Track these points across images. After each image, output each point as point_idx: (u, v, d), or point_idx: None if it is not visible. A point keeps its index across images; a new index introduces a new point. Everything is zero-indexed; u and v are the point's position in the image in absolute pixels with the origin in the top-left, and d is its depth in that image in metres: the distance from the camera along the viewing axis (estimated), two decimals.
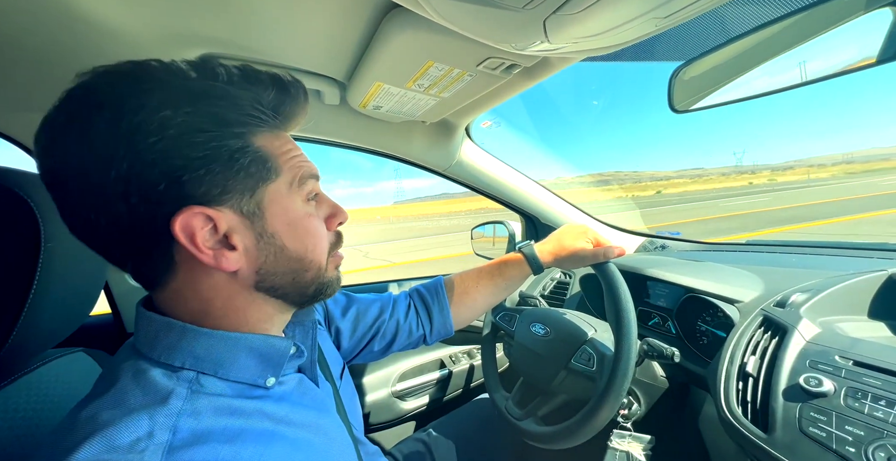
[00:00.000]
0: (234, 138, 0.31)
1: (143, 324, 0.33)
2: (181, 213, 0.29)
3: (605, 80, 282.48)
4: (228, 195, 0.31)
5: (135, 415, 0.27)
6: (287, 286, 0.36)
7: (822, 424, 0.43)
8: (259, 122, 0.33)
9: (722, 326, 0.70)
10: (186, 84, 0.30)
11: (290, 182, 0.35)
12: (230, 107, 0.32)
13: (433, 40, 0.55)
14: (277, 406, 0.34)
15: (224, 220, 0.31)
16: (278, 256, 0.34)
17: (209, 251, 0.31)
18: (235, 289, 0.34)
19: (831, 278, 0.63)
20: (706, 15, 0.46)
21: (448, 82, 0.67)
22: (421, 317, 0.65)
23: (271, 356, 0.36)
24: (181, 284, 0.33)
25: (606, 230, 1.22)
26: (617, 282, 0.58)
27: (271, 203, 0.33)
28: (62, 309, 0.43)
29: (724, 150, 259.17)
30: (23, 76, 0.59)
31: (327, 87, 0.75)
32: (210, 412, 0.30)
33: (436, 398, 1.15)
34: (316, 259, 0.37)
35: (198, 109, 0.30)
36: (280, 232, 0.34)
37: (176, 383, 0.30)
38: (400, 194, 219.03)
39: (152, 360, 0.32)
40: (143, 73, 0.30)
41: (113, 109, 0.28)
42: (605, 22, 0.39)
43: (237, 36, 0.59)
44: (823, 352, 0.49)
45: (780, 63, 0.58)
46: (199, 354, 0.32)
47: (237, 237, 0.32)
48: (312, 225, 0.36)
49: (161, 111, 0.28)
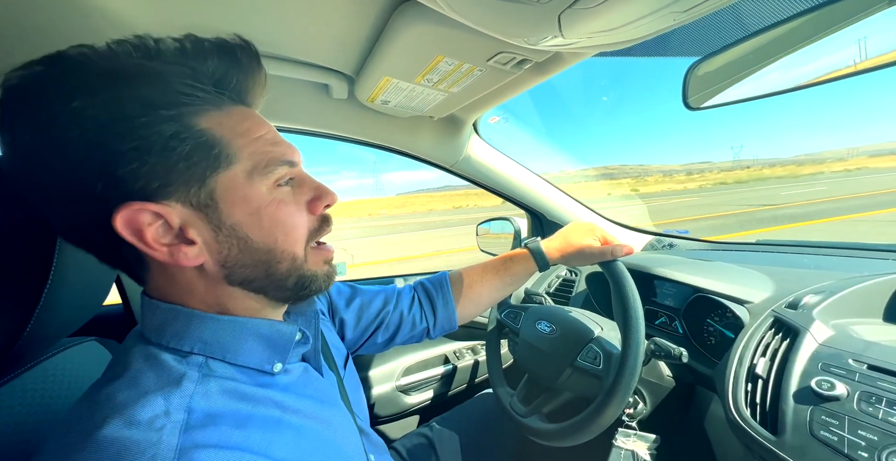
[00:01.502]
0: (166, 122, 0.28)
1: (149, 311, 0.33)
2: (120, 210, 0.27)
3: (613, 72, 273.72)
4: (172, 187, 0.29)
5: (151, 396, 0.28)
6: (261, 279, 0.33)
7: (833, 428, 0.42)
8: (196, 101, 0.29)
9: (730, 327, 0.69)
10: (102, 66, 0.27)
11: (250, 170, 0.31)
12: (156, 86, 0.28)
13: (444, 34, 0.54)
14: (284, 394, 0.34)
15: (174, 215, 0.29)
16: (244, 249, 0.32)
17: (163, 248, 0.29)
18: (209, 283, 0.33)
19: (845, 280, 0.62)
20: (722, 10, 0.45)
21: (457, 77, 0.67)
22: (425, 310, 0.65)
23: (277, 341, 0.35)
24: (159, 280, 0.33)
25: (614, 228, 1.21)
26: (625, 280, 0.58)
27: (226, 192, 0.30)
28: (77, 299, 0.43)
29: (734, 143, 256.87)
30: (8, 57, 0.58)
31: (335, 80, 0.74)
32: (220, 395, 0.30)
33: (440, 393, 1.16)
34: (288, 249, 0.34)
35: (117, 95, 0.27)
36: (242, 223, 0.31)
37: (187, 367, 0.31)
38: (379, 189, 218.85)
39: (161, 346, 0.32)
40: (63, 60, 0.27)
41: (31, 106, 0.27)
42: (622, 16, 0.38)
43: (245, 29, 0.59)
44: (836, 356, 0.48)
45: (799, 60, 0.56)
46: (207, 339, 0.32)
47: (193, 231, 0.30)
48: (282, 212, 0.33)
49: (73, 101, 0.26)
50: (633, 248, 0.62)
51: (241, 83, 0.33)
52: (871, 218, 11.24)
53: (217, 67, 0.31)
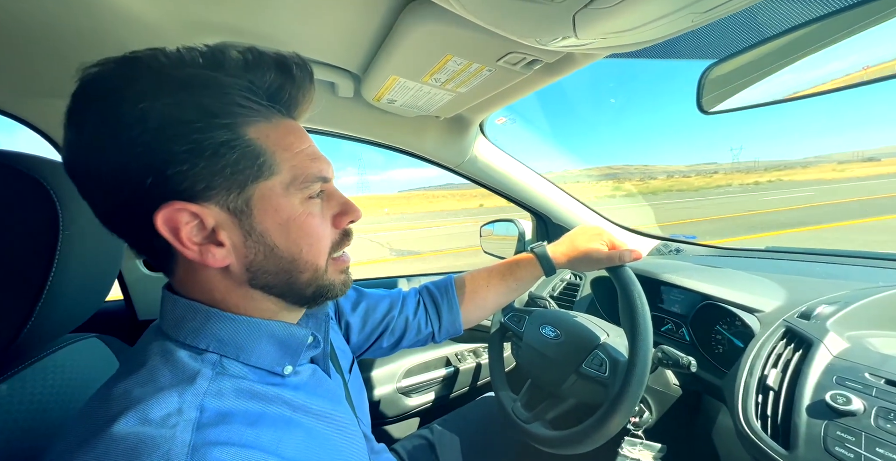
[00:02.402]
0: (220, 130, 0.30)
1: (169, 307, 0.34)
2: (163, 208, 0.29)
3: (620, 73, 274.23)
4: (214, 191, 0.30)
5: (165, 393, 0.28)
6: (282, 286, 0.35)
7: (849, 444, 0.41)
8: (250, 113, 0.31)
9: (740, 336, 0.68)
10: (171, 73, 0.29)
11: (288, 183, 0.33)
12: (216, 96, 0.30)
13: (453, 34, 0.53)
14: (294, 394, 0.35)
15: (210, 216, 0.31)
16: (269, 255, 0.33)
17: (195, 246, 0.31)
18: (230, 284, 0.34)
19: (860, 290, 0.60)
20: (737, 13, 0.43)
21: (466, 77, 0.66)
22: (430, 314, 0.64)
23: (290, 344, 0.36)
24: (183, 274, 0.34)
25: (620, 232, 1.19)
26: (633, 286, 0.57)
27: (261, 201, 0.32)
28: (78, 295, 0.43)
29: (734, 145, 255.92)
30: (45, 63, 0.59)
31: (342, 79, 0.73)
32: (233, 394, 0.31)
33: (441, 395, 1.15)
34: (312, 260, 0.35)
35: (179, 100, 0.29)
36: (270, 231, 0.33)
37: (201, 364, 0.31)
38: (364, 187, 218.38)
39: (178, 342, 0.33)
40: (132, 63, 0.29)
41: (100, 102, 0.29)
42: (639, 17, 0.37)
43: (254, 25, 0.58)
44: (852, 369, 0.47)
45: (815, 65, 0.55)
46: (223, 338, 0.33)
47: (224, 234, 0.31)
48: (310, 225, 0.34)
49: (141, 102, 0.28)
50: (641, 253, 0.61)
51: (292, 98, 0.35)
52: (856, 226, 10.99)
53: (273, 81, 0.33)
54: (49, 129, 0.74)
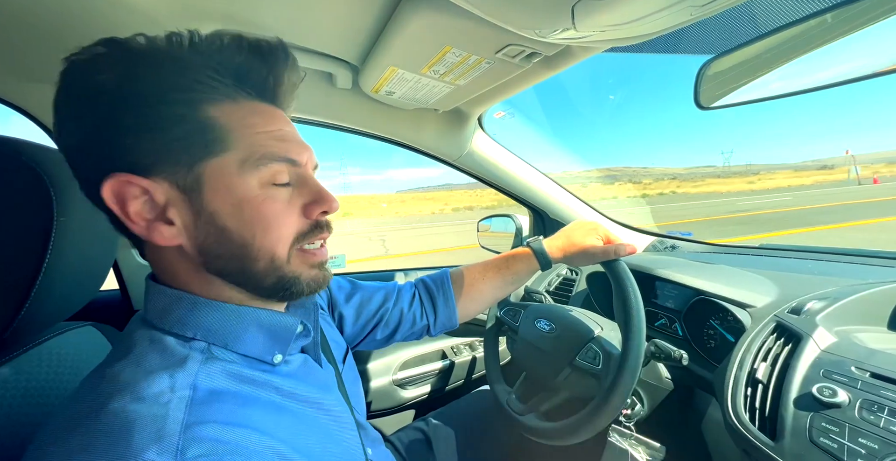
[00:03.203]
0: (174, 105, 0.30)
1: (154, 296, 0.34)
2: (108, 179, 0.29)
3: (620, 71, 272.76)
4: (162, 166, 0.30)
5: (156, 374, 0.28)
6: (237, 273, 0.33)
7: (833, 435, 0.42)
8: (210, 91, 0.31)
9: (732, 331, 0.69)
10: (139, 51, 0.30)
11: (243, 160, 0.31)
12: (176, 72, 0.30)
13: (452, 25, 0.52)
14: (284, 381, 0.35)
15: (161, 192, 0.30)
16: (220, 238, 0.32)
17: (142, 222, 0.31)
18: (189, 266, 0.33)
19: (850, 287, 0.61)
20: (736, 8, 0.43)
21: (464, 69, 0.65)
22: (426, 307, 0.64)
23: (279, 333, 0.36)
24: (150, 257, 0.34)
25: (616, 228, 1.20)
26: (627, 280, 0.57)
27: (213, 179, 0.31)
28: (73, 283, 0.43)
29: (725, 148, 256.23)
30: (37, 47, 0.58)
31: (340, 69, 0.73)
32: (223, 376, 0.31)
33: (436, 388, 1.16)
34: (268, 247, 0.33)
35: (136, 73, 0.29)
36: (221, 211, 0.31)
37: (190, 350, 0.31)
38: (347, 187, 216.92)
39: (164, 331, 0.32)
40: (105, 44, 0.30)
41: (68, 80, 0.30)
42: (637, 9, 0.37)
43: (251, 13, 0.57)
44: (839, 363, 0.48)
45: (813, 61, 0.55)
46: (210, 326, 0.33)
47: (174, 211, 0.31)
48: (267, 209, 0.32)
49: (99, 75, 0.29)
50: (636, 248, 0.61)
51: (263, 81, 0.34)
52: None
53: (242, 63, 0.33)
54: (40, 114, 0.73)
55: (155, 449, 0.24)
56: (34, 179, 0.37)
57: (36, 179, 0.37)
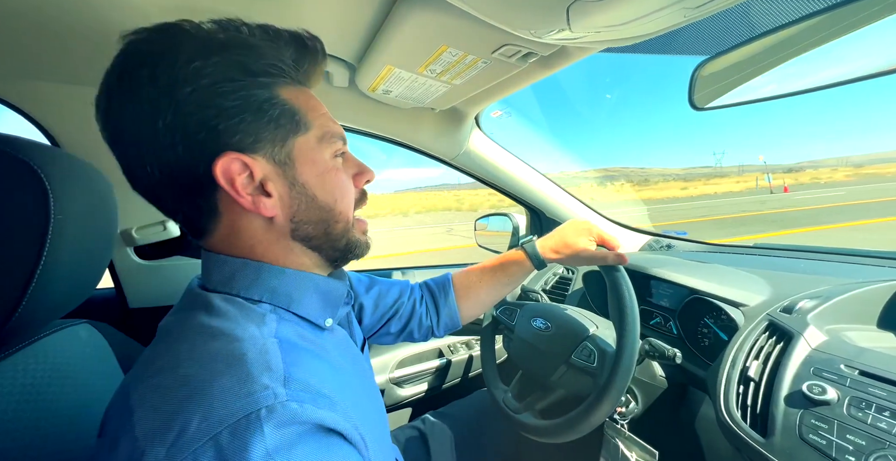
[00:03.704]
0: (261, 88, 0.33)
1: (217, 266, 0.36)
2: (220, 158, 0.31)
3: (616, 71, 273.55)
4: (261, 144, 0.33)
5: (244, 323, 0.31)
6: (321, 236, 0.38)
7: (822, 432, 0.42)
8: (282, 74, 0.35)
9: (725, 329, 0.69)
10: (213, 36, 0.32)
11: (320, 137, 0.36)
12: (254, 57, 0.33)
13: (449, 24, 0.53)
14: (332, 347, 0.38)
15: (259, 168, 0.33)
16: (310, 205, 0.36)
17: (248, 196, 0.33)
18: (273, 236, 0.36)
19: (840, 286, 0.62)
20: (730, 9, 0.43)
21: (461, 69, 0.65)
22: (429, 308, 0.67)
23: (331, 296, 0.39)
24: (226, 231, 0.36)
25: (612, 227, 1.20)
26: (622, 279, 0.58)
27: (301, 154, 0.35)
28: (70, 281, 0.43)
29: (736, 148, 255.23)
30: (29, 44, 0.57)
31: (337, 68, 0.73)
32: (293, 334, 0.34)
33: (433, 386, 1.17)
34: (344, 211, 0.38)
35: (225, 59, 0.32)
36: (310, 182, 0.36)
37: (262, 310, 0.34)
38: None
39: (232, 294, 0.35)
40: (175, 29, 0.32)
41: (152, 65, 0.31)
42: (632, 11, 0.37)
43: (246, 10, 0.57)
44: (829, 361, 0.49)
45: (807, 62, 0.56)
46: (276, 289, 0.35)
47: (272, 185, 0.34)
48: (340, 179, 0.38)
49: (193, 62, 0.30)
50: (627, 259, 0.61)
51: (309, 69, 0.38)
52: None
53: (294, 51, 0.36)
54: (36, 112, 0.72)
55: (267, 376, 0.28)
56: (30, 177, 0.37)
57: (32, 177, 0.37)
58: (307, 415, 0.27)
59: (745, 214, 16.57)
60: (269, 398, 0.26)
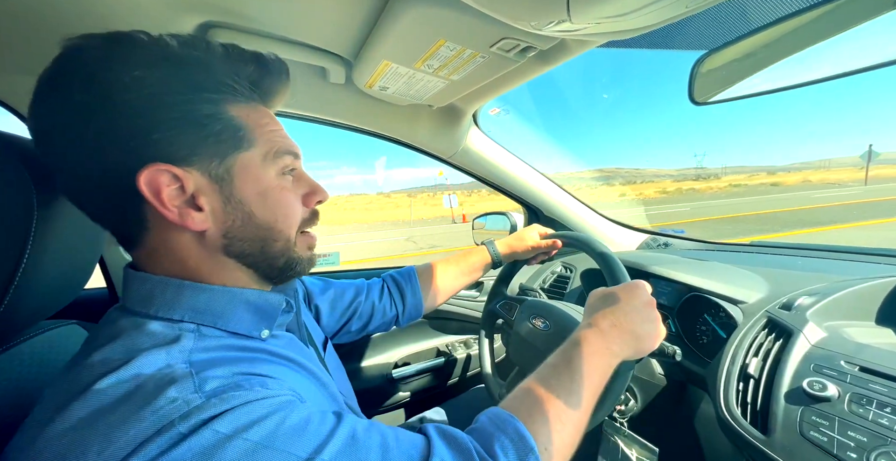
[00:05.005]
0: (206, 104, 0.32)
1: (136, 284, 0.34)
2: (146, 168, 0.30)
3: (613, 71, 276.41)
4: (197, 157, 0.32)
5: (152, 352, 0.29)
6: (256, 254, 0.37)
7: (823, 429, 0.42)
8: (234, 93, 0.34)
9: (724, 326, 0.69)
10: (164, 50, 0.32)
11: (265, 154, 0.36)
12: (206, 74, 0.33)
13: (446, 17, 0.52)
14: (276, 349, 0.37)
15: (191, 181, 0.32)
16: (246, 222, 0.35)
17: (174, 208, 0.32)
18: (205, 251, 0.35)
19: (839, 282, 0.62)
20: (729, 3, 0.43)
21: (459, 64, 0.65)
22: (394, 298, 0.71)
23: (266, 309, 0.38)
24: (155, 243, 0.34)
25: (610, 226, 1.20)
26: (592, 240, 0.60)
27: (242, 170, 0.34)
28: (56, 280, 0.42)
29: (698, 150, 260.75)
30: (18, 38, 0.56)
31: (333, 64, 0.72)
32: (219, 349, 0.32)
33: (431, 386, 1.16)
34: (285, 230, 0.37)
35: (172, 73, 0.31)
36: (249, 199, 0.35)
37: (180, 331, 0.32)
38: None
39: (149, 316, 0.33)
40: (125, 39, 0.31)
41: (91, 68, 0.30)
42: (633, 1, 0.36)
43: (242, 5, 0.56)
44: (828, 357, 0.48)
45: (807, 55, 0.55)
46: (199, 307, 0.34)
47: (204, 199, 0.33)
48: (284, 197, 0.37)
49: (134, 71, 0.30)
50: (560, 244, 0.75)
51: (269, 89, 0.38)
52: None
53: (254, 71, 0.36)
54: (23, 107, 0.71)
55: (174, 388, 0.26)
56: (13, 172, 0.36)
57: (15, 172, 0.36)
58: (245, 396, 0.27)
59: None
60: (181, 407, 0.25)
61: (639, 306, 0.49)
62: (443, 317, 1.21)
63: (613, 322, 0.47)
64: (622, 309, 0.48)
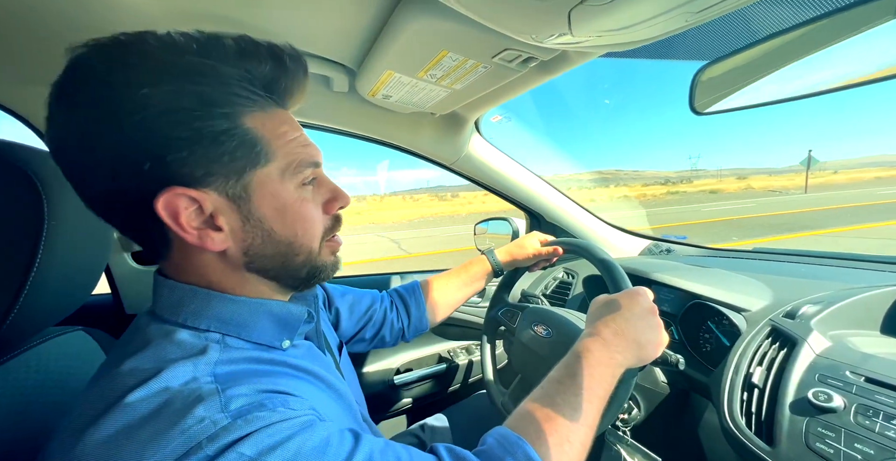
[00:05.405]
0: (220, 119, 0.30)
1: (166, 291, 0.34)
2: (163, 193, 0.29)
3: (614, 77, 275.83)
4: (213, 178, 0.31)
5: (179, 364, 0.29)
6: (278, 268, 0.36)
7: (829, 440, 0.42)
8: (248, 102, 0.32)
9: (727, 335, 0.69)
10: (173, 60, 0.29)
11: (284, 169, 0.34)
12: (217, 86, 0.30)
13: (449, 29, 0.53)
14: (296, 361, 0.37)
15: (209, 202, 0.31)
16: (266, 240, 0.34)
17: (194, 231, 0.31)
18: (226, 268, 0.35)
19: (843, 291, 0.61)
20: (731, 15, 0.43)
21: (461, 73, 0.65)
22: (400, 312, 0.72)
23: (288, 320, 0.38)
24: (178, 259, 0.34)
25: (612, 231, 1.20)
26: (622, 281, 0.58)
27: (259, 187, 0.33)
28: (64, 287, 0.43)
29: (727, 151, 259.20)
30: (28, 48, 0.57)
31: (337, 73, 0.73)
32: (242, 361, 0.33)
33: (433, 392, 1.15)
34: (307, 243, 0.37)
35: (181, 88, 0.29)
36: (268, 216, 0.34)
37: (206, 341, 0.32)
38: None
39: (178, 324, 0.33)
40: (131, 48, 0.29)
41: (96, 86, 0.28)
42: (634, 15, 0.37)
43: (248, 15, 0.57)
44: (834, 367, 0.48)
45: (806, 68, 0.56)
46: (225, 318, 0.34)
47: (223, 219, 0.32)
48: (304, 210, 0.36)
49: (142, 88, 0.28)
50: (560, 251, 0.75)
51: (287, 89, 0.35)
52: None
53: (268, 72, 0.33)
54: (33, 116, 0.72)
55: (202, 406, 0.26)
56: (24, 182, 0.37)
57: (26, 182, 0.37)
58: (269, 418, 0.27)
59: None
60: (208, 428, 0.25)
61: (641, 313, 0.49)
62: (444, 323, 1.20)
63: (616, 330, 0.47)
64: (624, 316, 0.48)
